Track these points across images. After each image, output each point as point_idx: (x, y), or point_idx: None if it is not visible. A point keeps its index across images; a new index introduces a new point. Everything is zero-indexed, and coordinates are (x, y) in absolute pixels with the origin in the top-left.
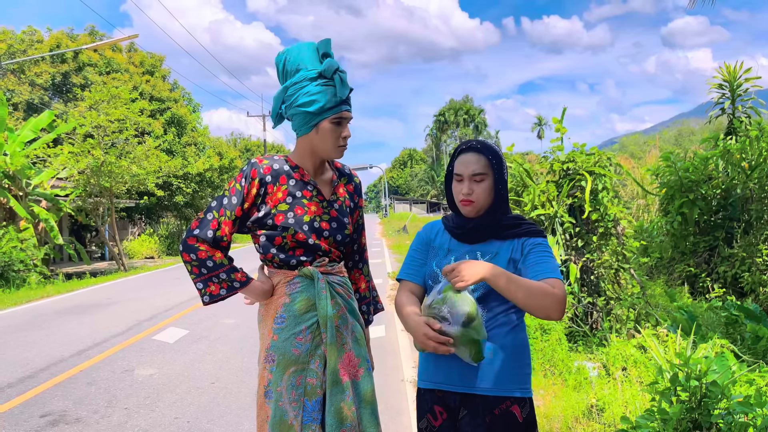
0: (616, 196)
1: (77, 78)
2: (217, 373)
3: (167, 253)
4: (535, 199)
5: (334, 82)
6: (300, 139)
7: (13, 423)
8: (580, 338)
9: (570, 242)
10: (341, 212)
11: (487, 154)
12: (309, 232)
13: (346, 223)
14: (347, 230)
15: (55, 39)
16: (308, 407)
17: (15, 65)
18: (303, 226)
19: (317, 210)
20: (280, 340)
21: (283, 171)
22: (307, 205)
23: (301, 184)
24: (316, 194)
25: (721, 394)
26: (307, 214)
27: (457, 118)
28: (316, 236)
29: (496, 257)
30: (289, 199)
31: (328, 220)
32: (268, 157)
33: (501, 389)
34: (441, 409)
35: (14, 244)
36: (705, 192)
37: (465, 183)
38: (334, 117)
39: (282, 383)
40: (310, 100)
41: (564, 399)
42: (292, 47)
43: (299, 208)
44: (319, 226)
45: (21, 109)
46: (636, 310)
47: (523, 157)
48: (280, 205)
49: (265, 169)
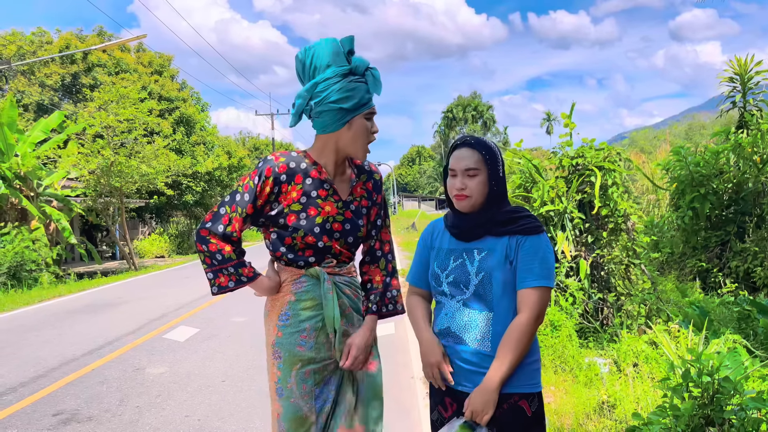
0: (626, 192)
1: (86, 78)
2: (228, 371)
3: (177, 252)
4: (545, 194)
5: (366, 78)
6: (324, 135)
7: (26, 422)
8: (590, 334)
9: (580, 238)
10: (356, 214)
11: (480, 150)
12: (320, 235)
13: (360, 225)
14: (360, 232)
15: (64, 40)
16: (320, 394)
17: (25, 66)
18: (314, 228)
19: (332, 210)
20: (284, 336)
21: (300, 169)
22: (322, 205)
23: (318, 183)
24: (332, 194)
25: (734, 390)
26: (320, 215)
27: (465, 115)
28: (328, 238)
29: (490, 255)
30: (304, 198)
31: (341, 222)
32: (285, 154)
33: (509, 386)
34: (450, 400)
35: (26, 244)
36: (716, 186)
37: (458, 178)
38: (367, 113)
39: (291, 379)
40: (345, 96)
41: (575, 395)
42: (318, 43)
43: (313, 209)
44: (330, 228)
45: (31, 110)
46: (647, 306)
47: (532, 152)
48: (294, 204)
49: (280, 168)
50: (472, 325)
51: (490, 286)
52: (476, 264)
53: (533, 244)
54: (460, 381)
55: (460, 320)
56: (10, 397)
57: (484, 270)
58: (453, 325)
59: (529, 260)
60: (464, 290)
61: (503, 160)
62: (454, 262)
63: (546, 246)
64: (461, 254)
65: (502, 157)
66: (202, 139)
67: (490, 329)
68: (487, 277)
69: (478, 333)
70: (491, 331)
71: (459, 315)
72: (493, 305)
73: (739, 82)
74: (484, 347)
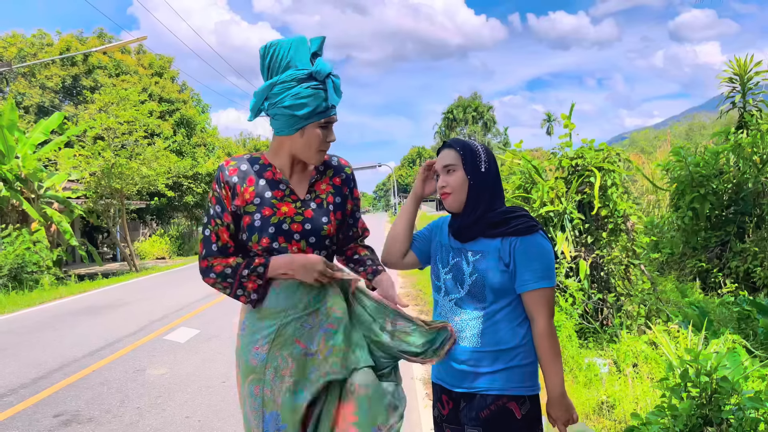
0: (625, 192)
1: (87, 80)
2: (228, 372)
3: (178, 253)
4: (544, 195)
5: (326, 86)
6: (279, 137)
7: (27, 423)
8: (590, 335)
9: (579, 238)
10: (319, 211)
11: (456, 147)
12: (274, 236)
13: (324, 223)
14: (324, 230)
15: (64, 42)
16: (268, 419)
17: (26, 69)
18: (269, 228)
19: (289, 211)
20: (242, 346)
21: (252, 171)
22: (278, 205)
23: (272, 184)
24: (289, 194)
25: (732, 390)
26: (276, 215)
27: (465, 116)
28: (285, 239)
29: (483, 257)
30: (257, 200)
31: (301, 222)
32: (236, 158)
33: (497, 389)
34: (447, 398)
35: (27, 245)
36: (716, 187)
37: (440, 177)
38: (322, 122)
39: (244, 390)
40: (298, 103)
41: (574, 396)
42: (282, 40)
43: (267, 209)
44: (289, 228)
45: (32, 112)
46: (647, 306)
47: (532, 153)
48: (248, 206)
49: (230, 171)
50: (463, 325)
51: (483, 287)
52: (470, 265)
53: (527, 245)
54: (453, 382)
55: (451, 320)
56: (11, 399)
57: (477, 272)
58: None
59: (525, 262)
60: (459, 289)
61: (489, 158)
62: (452, 259)
63: (541, 245)
64: (459, 253)
65: (487, 155)
66: (202, 141)
67: (481, 327)
68: (479, 279)
69: (469, 332)
70: (482, 329)
71: (451, 315)
72: (485, 306)
73: (739, 83)
74: (474, 344)
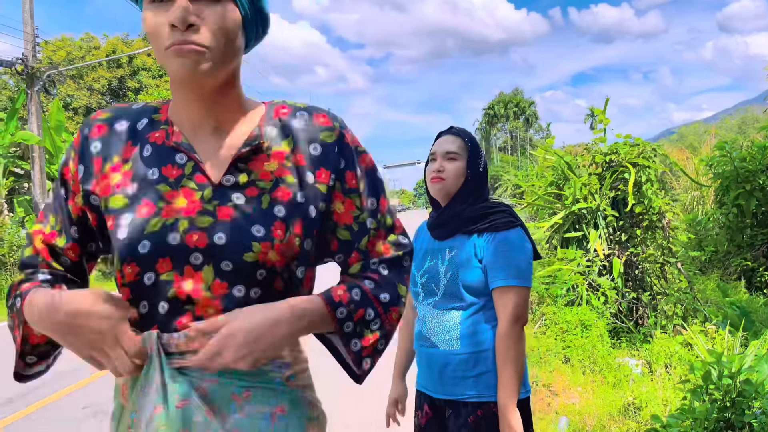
0: (662, 188)
1: (132, 82)
2: None
3: None
4: (577, 192)
5: None
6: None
7: (57, 414)
8: (624, 334)
9: (613, 236)
10: (247, 211)
11: (463, 137)
12: (151, 256)
13: (256, 236)
14: (254, 250)
15: (111, 45)
16: None
17: (74, 71)
18: (143, 241)
19: (189, 206)
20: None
21: (133, 133)
22: (167, 195)
23: (160, 153)
24: (190, 172)
25: (755, 393)
26: (161, 215)
27: (506, 111)
28: (173, 263)
29: (458, 253)
30: (133, 186)
31: (206, 228)
32: (118, 108)
33: (484, 396)
34: (429, 406)
35: None
36: (763, 182)
37: (438, 161)
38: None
39: None
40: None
41: (601, 396)
42: None
43: (146, 204)
44: (181, 241)
45: (81, 113)
46: (683, 306)
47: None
48: (114, 197)
49: (96, 129)
50: (442, 327)
51: (458, 284)
52: (446, 263)
53: (501, 241)
54: (435, 389)
55: (430, 323)
56: (44, 390)
57: (452, 268)
58: (425, 329)
59: (498, 258)
60: (435, 291)
61: (485, 160)
62: (429, 261)
63: (516, 242)
64: (436, 254)
65: (484, 156)
66: None
67: (459, 328)
68: (454, 276)
69: (447, 335)
70: (460, 330)
71: (429, 318)
72: (463, 306)
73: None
74: (453, 347)
